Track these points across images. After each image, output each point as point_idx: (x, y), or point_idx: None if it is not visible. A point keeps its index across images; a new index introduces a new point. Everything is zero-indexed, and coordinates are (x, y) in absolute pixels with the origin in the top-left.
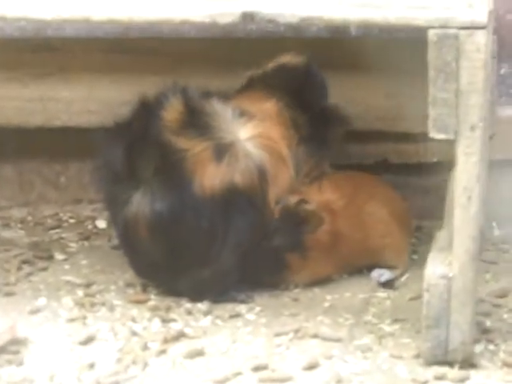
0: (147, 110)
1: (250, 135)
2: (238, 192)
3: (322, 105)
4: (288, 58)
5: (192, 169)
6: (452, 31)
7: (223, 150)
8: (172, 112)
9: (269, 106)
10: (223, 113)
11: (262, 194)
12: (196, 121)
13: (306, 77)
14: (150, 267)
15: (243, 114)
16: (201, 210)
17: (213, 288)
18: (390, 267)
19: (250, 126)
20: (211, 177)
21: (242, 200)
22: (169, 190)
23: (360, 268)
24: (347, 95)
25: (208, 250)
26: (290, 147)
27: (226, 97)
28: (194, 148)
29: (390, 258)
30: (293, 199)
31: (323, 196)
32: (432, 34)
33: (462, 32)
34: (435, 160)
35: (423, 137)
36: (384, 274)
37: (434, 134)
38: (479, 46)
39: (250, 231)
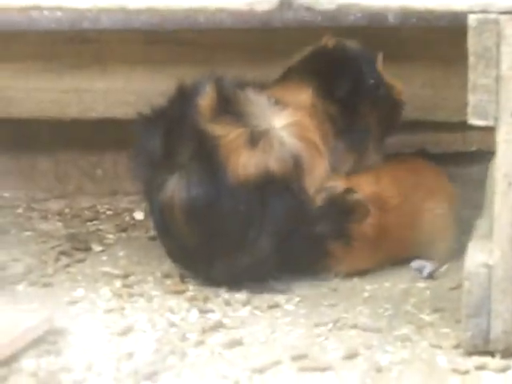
0: (184, 97)
1: (284, 123)
2: (273, 178)
3: (368, 85)
4: (323, 43)
5: (226, 155)
6: (493, 16)
7: (258, 137)
8: (207, 99)
9: (304, 97)
10: (258, 101)
11: (297, 181)
12: (230, 108)
13: (341, 59)
14: (185, 253)
15: (278, 102)
16: (236, 195)
17: (250, 275)
18: (432, 258)
19: (285, 114)
20: (245, 163)
21: (278, 186)
22: (204, 176)
23: (402, 259)
24: None
25: (244, 236)
26: (324, 140)
27: (261, 86)
28: (229, 135)
29: (437, 251)
30: (340, 187)
31: (377, 188)
32: (472, 19)
33: (503, 17)
34: (474, 149)
35: (462, 126)
36: (426, 267)
37: (474, 121)
38: None
39: (286, 217)
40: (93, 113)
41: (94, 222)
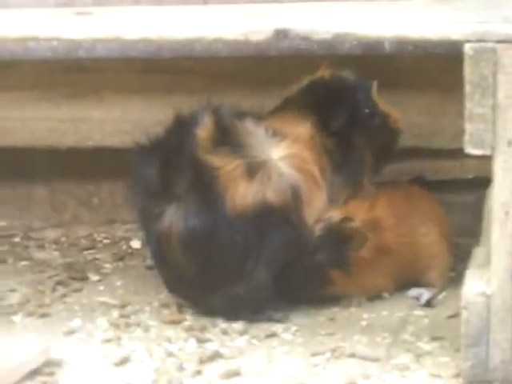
0: (182, 128)
1: (283, 155)
2: (271, 209)
3: (363, 114)
4: (320, 74)
5: (224, 186)
6: (489, 45)
7: (255, 168)
8: (205, 130)
9: (302, 130)
10: (256, 132)
11: (296, 212)
12: (228, 139)
13: (338, 91)
14: (182, 283)
15: (276, 133)
16: (233, 226)
17: (247, 305)
18: (428, 285)
19: (283, 145)
20: (243, 194)
21: (276, 217)
22: (202, 207)
23: (402, 285)
24: None
25: (242, 267)
26: (322, 173)
27: (259, 117)
28: (227, 166)
29: (433, 277)
30: (336, 217)
31: (372, 214)
32: (468, 48)
33: (500, 46)
34: (471, 176)
35: (459, 153)
36: (423, 294)
37: (471, 150)
38: None
39: (284, 248)
40: (89, 142)
41: (91, 251)
